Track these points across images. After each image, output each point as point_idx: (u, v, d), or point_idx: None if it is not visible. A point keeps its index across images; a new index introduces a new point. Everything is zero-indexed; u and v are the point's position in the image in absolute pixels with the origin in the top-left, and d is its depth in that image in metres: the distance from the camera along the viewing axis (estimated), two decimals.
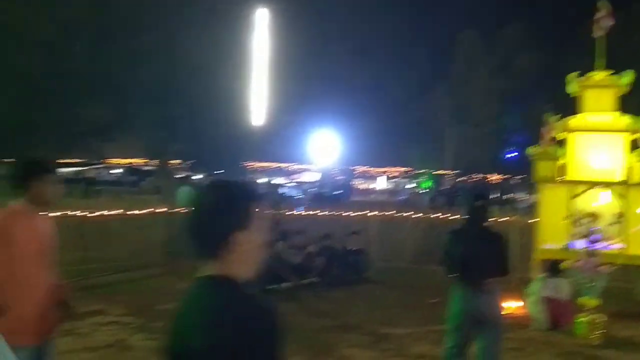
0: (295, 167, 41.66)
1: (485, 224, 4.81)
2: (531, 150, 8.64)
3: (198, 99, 24.93)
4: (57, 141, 24.44)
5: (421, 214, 12.41)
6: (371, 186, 44.76)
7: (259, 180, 33.50)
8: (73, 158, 31.82)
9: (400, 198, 33.33)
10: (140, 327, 7.09)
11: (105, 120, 25.84)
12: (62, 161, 29.77)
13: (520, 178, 34.96)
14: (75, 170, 33.95)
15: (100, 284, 8.92)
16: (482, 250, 4.60)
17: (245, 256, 1.62)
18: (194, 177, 27.30)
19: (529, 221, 9.82)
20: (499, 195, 32.76)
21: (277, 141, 32.00)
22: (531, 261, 8.42)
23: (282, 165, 40.99)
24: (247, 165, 36.05)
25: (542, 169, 8.47)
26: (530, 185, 20.96)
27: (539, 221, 8.47)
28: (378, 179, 46.14)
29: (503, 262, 4.74)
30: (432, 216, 12.15)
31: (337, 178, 38.91)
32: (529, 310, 7.48)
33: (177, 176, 26.02)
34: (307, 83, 30.05)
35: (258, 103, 28.90)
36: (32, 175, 3.18)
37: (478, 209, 4.75)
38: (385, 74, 36.18)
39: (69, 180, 26.38)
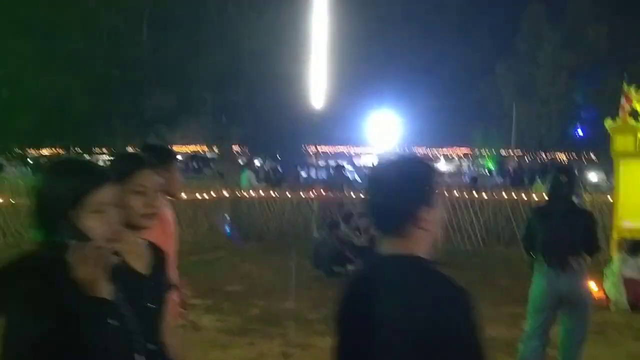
0: (355, 150, 41.47)
1: (571, 200, 4.53)
2: (609, 124, 8.18)
3: (258, 83, 25.10)
4: (126, 129, 25.15)
5: (488, 195, 12.04)
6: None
7: (324, 163, 33.50)
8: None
9: (465, 179, 32.62)
10: (209, 308, 7.19)
11: (171, 108, 26.40)
12: (131, 149, 30.65)
13: (592, 155, 33.56)
14: None
15: None
16: (569, 228, 4.33)
17: (429, 233, 1.59)
18: (256, 162, 27.61)
19: (606, 199, 9.36)
20: None
21: (337, 123, 31.88)
22: (610, 240, 8.01)
23: (342, 148, 40.89)
24: (308, 149, 36.14)
25: (621, 142, 8.01)
26: (604, 162, 20.03)
27: (618, 198, 8.04)
28: (440, 159, 45.38)
29: (593, 241, 4.47)
30: (503, 196, 11.76)
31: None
32: (608, 292, 7.12)
33: (239, 161, 26.38)
34: (367, 63, 29.73)
35: (318, 85, 28.85)
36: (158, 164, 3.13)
37: (563, 185, 4.47)
38: (447, 52, 35.34)
39: None
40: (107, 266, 1.57)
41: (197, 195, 11.54)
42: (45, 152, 28.47)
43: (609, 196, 9.59)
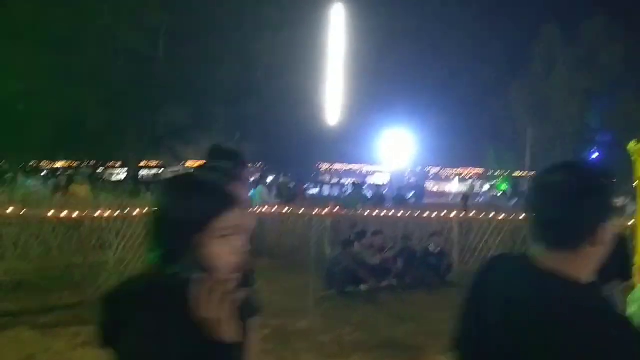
0: (367, 168, 41.34)
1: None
2: (632, 147, 7.96)
3: (272, 99, 25.13)
4: (140, 144, 25.20)
5: (504, 216, 11.82)
6: (445, 188, 43.84)
7: (342, 181, 33.27)
8: (156, 160, 32.78)
9: (478, 200, 32.34)
10: None
11: (184, 123, 26.44)
12: (143, 164, 30.72)
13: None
14: (155, 172, 35.06)
15: None
16: None
17: (599, 251, 1.40)
18: (268, 179, 27.53)
19: (627, 223, 9.11)
20: None
21: (350, 141, 31.81)
22: (632, 266, 7.78)
23: (354, 166, 40.77)
24: (319, 167, 36.04)
25: None
26: (622, 186, 19.78)
27: None
28: (452, 180, 45.11)
29: (626, 266, 4.27)
30: (519, 218, 11.54)
31: (410, 180, 38.30)
32: (633, 320, 6.87)
33: (252, 178, 26.30)
34: (381, 82, 29.74)
35: (332, 103, 28.83)
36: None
37: None
38: (461, 72, 35.32)
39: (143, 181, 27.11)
40: (234, 304, 1.40)
41: None
42: (60, 164, 28.60)
43: (629, 221, 9.35)
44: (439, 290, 9.22)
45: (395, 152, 34.46)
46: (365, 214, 11.86)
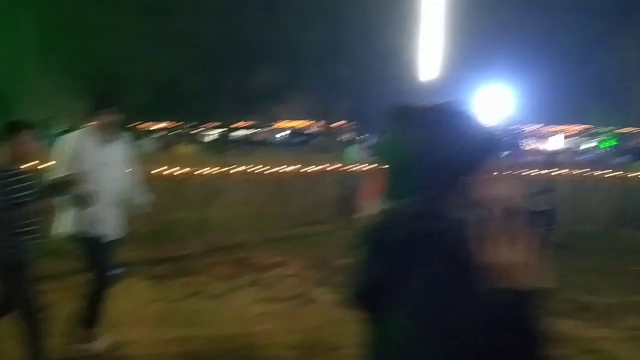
0: None
1: None
2: None
3: (365, 57, 24.78)
4: (234, 105, 25.75)
5: (616, 174, 11.13)
6: (545, 145, 41.95)
7: None
8: (249, 121, 33.53)
9: (586, 157, 30.68)
10: (320, 281, 7.08)
11: (277, 84, 26.70)
12: (235, 125, 31.49)
13: None
14: (246, 133, 35.89)
15: (278, 238, 9.11)
16: None
17: None
18: (359, 138, 27.36)
19: None
20: None
21: (445, 98, 31.00)
22: None
23: None
24: None
25: None
26: None
27: None
28: (554, 137, 43.05)
29: None
30: (627, 175, 10.84)
31: (506, 137, 36.88)
32: None
33: (343, 138, 26.29)
34: (478, 36, 28.54)
35: (426, 58, 28.08)
36: None
37: None
38: (564, 23, 33.18)
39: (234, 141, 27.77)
40: (528, 246, 1.21)
41: (306, 168, 11.51)
42: (160, 126, 29.83)
43: None
44: (545, 251, 8.85)
45: (493, 109, 33.17)
46: None
